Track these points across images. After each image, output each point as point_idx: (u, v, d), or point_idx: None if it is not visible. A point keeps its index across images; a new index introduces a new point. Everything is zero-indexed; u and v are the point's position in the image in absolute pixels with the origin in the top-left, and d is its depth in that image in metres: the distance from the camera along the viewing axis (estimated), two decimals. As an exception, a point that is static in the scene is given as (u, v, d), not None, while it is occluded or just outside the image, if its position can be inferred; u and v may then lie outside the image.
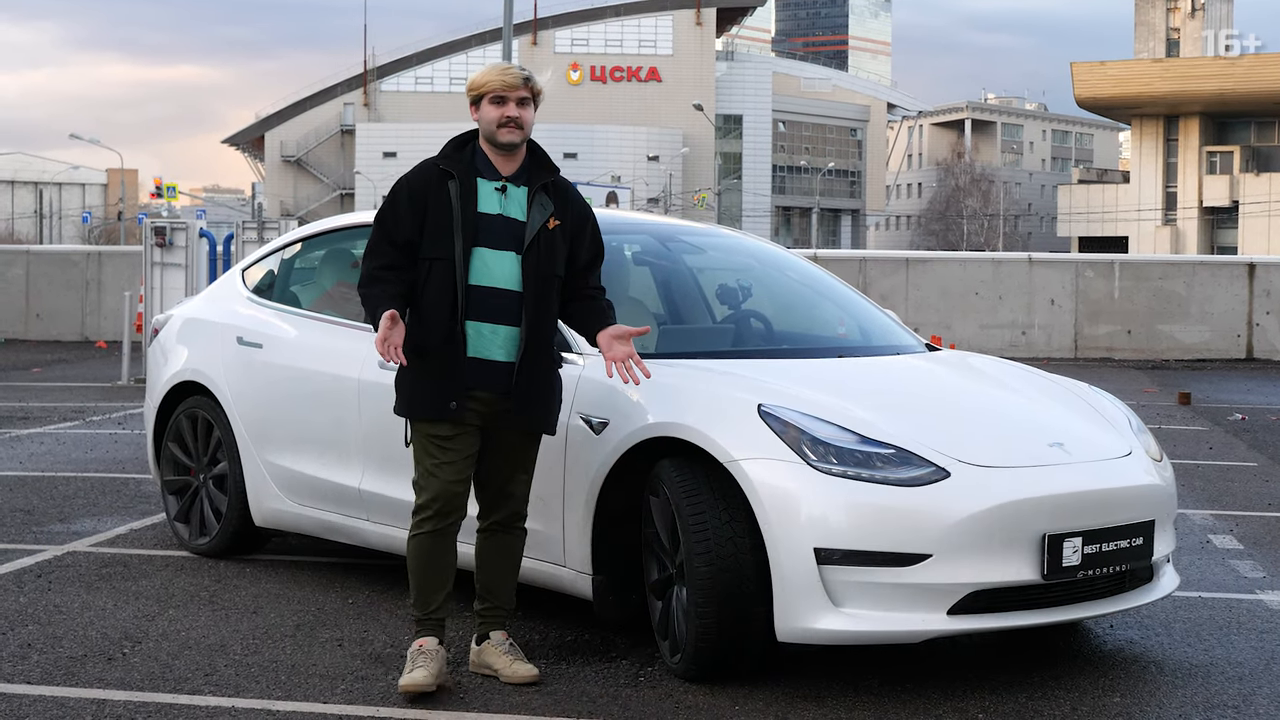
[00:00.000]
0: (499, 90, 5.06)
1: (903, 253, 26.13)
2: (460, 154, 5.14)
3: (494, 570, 5.23)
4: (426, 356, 5.00)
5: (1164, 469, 5.62)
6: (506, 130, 5.06)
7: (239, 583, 6.59)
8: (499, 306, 5.02)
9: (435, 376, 5.00)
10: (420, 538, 5.08)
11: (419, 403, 5.04)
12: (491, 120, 5.07)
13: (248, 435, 6.85)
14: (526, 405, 5.05)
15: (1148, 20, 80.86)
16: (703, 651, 5.02)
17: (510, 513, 5.19)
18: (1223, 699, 5.07)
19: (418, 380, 5.04)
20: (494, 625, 5.24)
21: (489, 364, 5.02)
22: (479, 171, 5.11)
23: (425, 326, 5.01)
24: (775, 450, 4.97)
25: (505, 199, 5.10)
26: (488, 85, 5.07)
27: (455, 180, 5.06)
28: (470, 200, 5.04)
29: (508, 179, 5.12)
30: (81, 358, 21.21)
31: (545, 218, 5.09)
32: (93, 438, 11.85)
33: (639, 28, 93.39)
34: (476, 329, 5.01)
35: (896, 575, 4.86)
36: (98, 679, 5.11)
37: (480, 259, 5.02)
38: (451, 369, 4.98)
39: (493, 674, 5.16)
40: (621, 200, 74.09)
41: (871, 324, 6.68)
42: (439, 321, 4.99)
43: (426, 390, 5.02)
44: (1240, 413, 14.96)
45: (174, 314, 7.69)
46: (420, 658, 5.03)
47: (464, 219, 5.02)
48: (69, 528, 7.86)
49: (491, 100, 5.07)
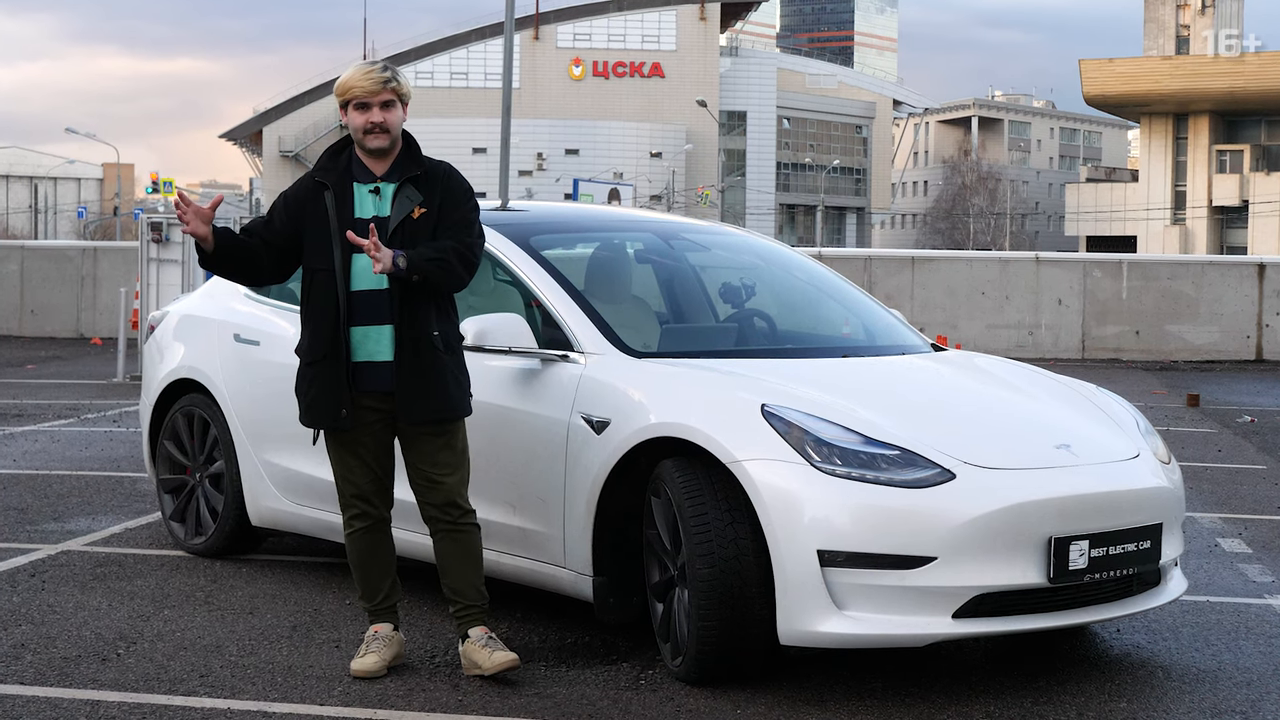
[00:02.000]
0: (362, 96, 5.11)
1: (908, 251, 26.06)
2: (335, 162, 5.21)
3: (455, 571, 5.24)
4: (316, 365, 5.14)
5: (1172, 471, 5.58)
6: (372, 137, 5.13)
7: (235, 583, 6.57)
8: (375, 307, 5.09)
9: (326, 386, 5.12)
10: (352, 537, 5.29)
11: (314, 413, 5.19)
12: (358, 127, 5.12)
13: (244, 434, 6.82)
14: (412, 399, 5.11)
15: (1157, 17, 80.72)
16: (704, 654, 4.98)
17: (445, 502, 5.19)
18: (1230, 705, 5.04)
19: (310, 391, 5.18)
20: (470, 623, 5.25)
21: (376, 365, 5.11)
22: (355, 176, 5.17)
23: (314, 335, 5.15)
24: (779, 451, 4.93)
25: (379, 199, 5.16)
26: (352, 91, 5.12)
27: (329, 190, 5.15)
28: (345, 207, 5.14)
29: (381, 179, 5.17)
30: (76, 354, 21.18)
31: (409, 209, 5.11)
32: (88, 435, 11.81)
33: (642, 23, 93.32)
34: (363, 333, 5.11)
35: (901, 578, 4.83)
36: (92, 680, 5.09)
37: (360, 264, 5.09)
38: (339, 378, 5.10)
39: (480, 671, 5.14)
40: (624, 197, 74.10)
41: (876, 324, 6.64)
42: (326, 330, 5.11)
43: (318, 400, 5.15)
44: (1250, 415, 14.89)
45: (170, 311, 7.66)
46: (375, 643, 5.24)
47: (340, 226, 5.09)
48: (63, 526, 7.83)
49: (356, 106, 5.13)
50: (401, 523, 5.57)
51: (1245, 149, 76.71)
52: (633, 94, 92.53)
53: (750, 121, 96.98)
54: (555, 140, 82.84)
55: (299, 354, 5.24)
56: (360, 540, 5.28)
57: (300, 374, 5.22)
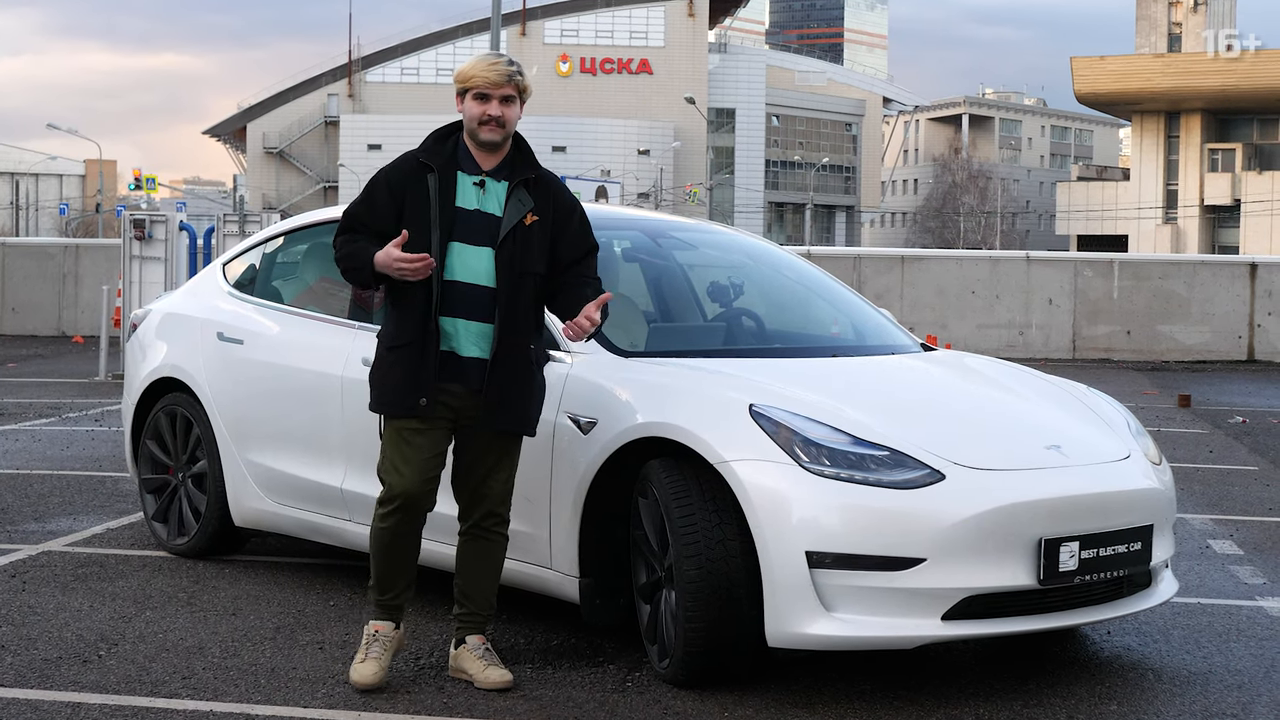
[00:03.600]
0: (483, 87, 5.01)
1: (898, 250, 26.02)
2: (442, 146, 5.08)
3: (471, 575, 5.17)
4: (399, 351, 4.98)
5: (1163, 472, 5.57)
6: (487, 129, 5.01)
7: (218, 584, 6.53)
8: (473, 302, 4.98)
9: (407, 372, 4.97)
10: (382, 531, 5.07)
11: (389, 398, 5.02)
12: (474, 117, 5.02)
13: (228, 433, 6.78)
14: (498, 404, 5.00)
15: (1149, 15, 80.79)
16: (692, 656, 4.96)
17: (486, 513, 5.11)
18: (1221, 708, 5.03)
19: (389, 375, 5.01)
20: (471, 630, 5.18)
21: (462, 360, 5.00)
22: (459, 165, 5.07)
23: (400, 322, 5.00)
24: (767, 451, 4.91)
25: (484, 194, 5.05)
26: (473, 80, 5.01)
27: (434, 174, 5.01)
28: (448, 194, 5.00)
29: (488, 174, 5.07)
30: (58, 353, 21.12)
31: (522, 214, 5.02)
32: (69, 434, 11.76)
33: (630, 19, 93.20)
34: (451, 324, 4.98)
35: (890, 579, 4.80)
36: (73, 682, 5.06)
37: (456, 254, 4.98)
38: (423, 365, 4.95)
39: (468, 680, 5.10)
40: (611, 195, 73.96)
41: (866, 323, 6.62)
42: (414, 317, 4.97)
43: (398, 386, 4.98)
44: (1241, 416, 14.88)
45: (153, 309, 7.62)
46: (374, 646, 5.08)
47: (441, 213, 4.97)
48: (44, 527, 7.79)
49: (475, 96, 5.02)
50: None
51: (1237, 148, 76.65)
52: (620, 91, 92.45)
53: (739, 119, 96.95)
54: (542, 137, 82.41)
55: (381, 339, 5.06)
56: (387, 536, 5.05)
57: (379, 359, 5.05)
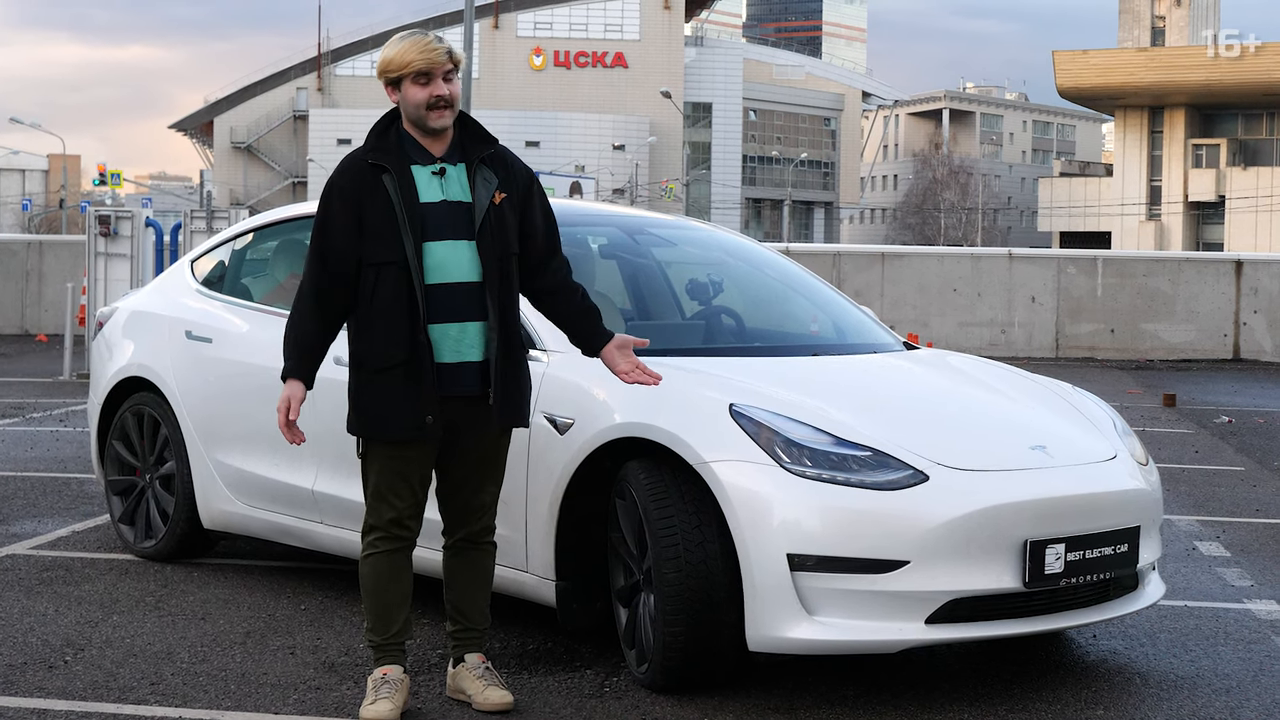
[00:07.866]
0: (423, 67, 4.61)
1: (878, 247, 26.04)
2: (385, 141, 4.71)
3: (464, 590, 4.92)
4: (390, 372, 4.62)
5: (1149, 473, 5.54)
6: (437, 113, 4.68)
7: (186, 588, 6.47)
8: (461, 301, 4.64)
9: (405, 394, 4.60)
10: (374, 559, 4.75)
11: (389, 422, 4.62)
12: (420, 102, 4.64)
13: (196, 434, 6.71)
14: (506, 402, 4.73)
15: (1132, 8, 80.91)
16: (671, 661, 4.90)
17: (478, 519, 4.87)
18: (1209, 712, 5.01)
19: (383, 399, 4.62)
20: (469, 647, 4.93)
21: (462, 366, 4.66)
22: (410, 158, 4.69)
23: (383, 339, 4.61)
24: (747, 452, 4.86)
25: (445, 181, 4.73)
26: (412, 64, 4.64)
27: (389, 173, 4.65)
28: (410, 192, 4.63)
29: (442, 159, 4.76)
30: (21, 351, 20.97)
31: (491, 193, 4.73)
32: (33, 435, 11.67)
33: (605, 11, 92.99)
34: (443, 331, 4.63)
35: (872, 582, 4.76)
36: (38, 688, 5.01)
37: (433, 254, 4.63)
38: (422, 381, 4.59)
39: (465, 700, 4.90)
40: (586, 191, 73.98)
41: (847, 321, 6.57)
42: (399, 331, 4.60)
43: (395, 408, 4.61)
44: (1227, 415, 14.87)
45: (119, 306, 7.54)
46: (384, 688, 4.72)
47: (409, 215, 4.61)
48: (7, 529, 7.71)
49: (415, 80, 4.66)
50: None
51: (1222, 143, 76.66)
52: (595, 85, 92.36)
53: (716, 113, 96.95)
54: (515, 132, 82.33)
55: (356, 362, 4.66)
56: (380, 563, 4.71)
57: (362, 383, 4.63)
